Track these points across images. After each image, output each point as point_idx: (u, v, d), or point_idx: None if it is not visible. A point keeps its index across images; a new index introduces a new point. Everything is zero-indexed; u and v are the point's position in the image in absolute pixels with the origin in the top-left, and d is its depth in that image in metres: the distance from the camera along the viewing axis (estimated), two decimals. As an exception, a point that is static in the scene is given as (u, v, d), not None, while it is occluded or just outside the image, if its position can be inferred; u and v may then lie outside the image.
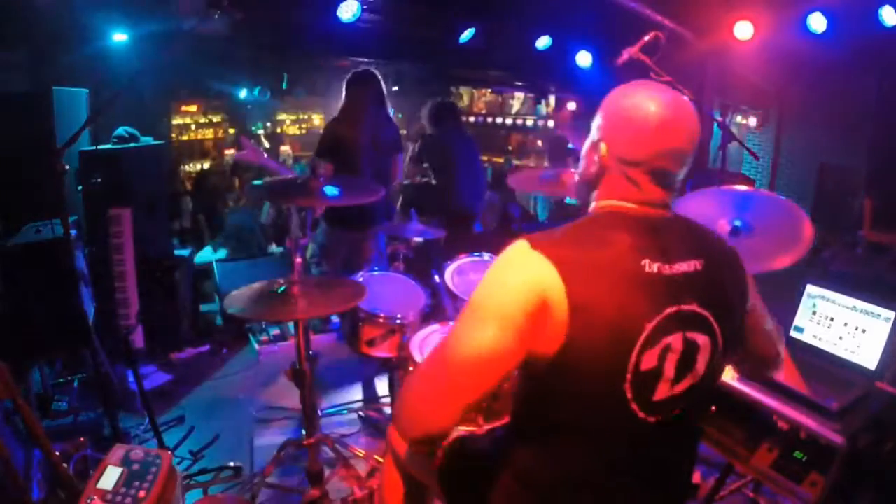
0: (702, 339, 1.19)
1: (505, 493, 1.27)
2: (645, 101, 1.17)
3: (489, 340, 1.09)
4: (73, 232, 2.74)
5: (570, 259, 1.12)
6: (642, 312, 1.12)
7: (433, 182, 4.80)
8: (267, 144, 9.29)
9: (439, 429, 1.13)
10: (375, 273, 3.21)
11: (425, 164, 4.83)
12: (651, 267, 1.14)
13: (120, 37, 3.69)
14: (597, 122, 1.26)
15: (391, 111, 4.05)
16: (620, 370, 1.11)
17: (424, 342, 2.47)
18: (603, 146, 1.22)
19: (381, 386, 3.58)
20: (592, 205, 1.27)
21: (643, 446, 1.21)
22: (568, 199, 4.99)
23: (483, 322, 1.11)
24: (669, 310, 1.14)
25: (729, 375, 1.86)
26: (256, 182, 2.81)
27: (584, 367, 1.11)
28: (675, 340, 1.15)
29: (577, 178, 1.34)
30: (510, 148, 9.81)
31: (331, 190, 2.35)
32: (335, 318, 4.25)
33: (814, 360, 1.97)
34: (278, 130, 10.25)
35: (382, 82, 3.83)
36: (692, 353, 1.18)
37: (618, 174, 1.21)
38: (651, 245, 1.16)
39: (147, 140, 3.95)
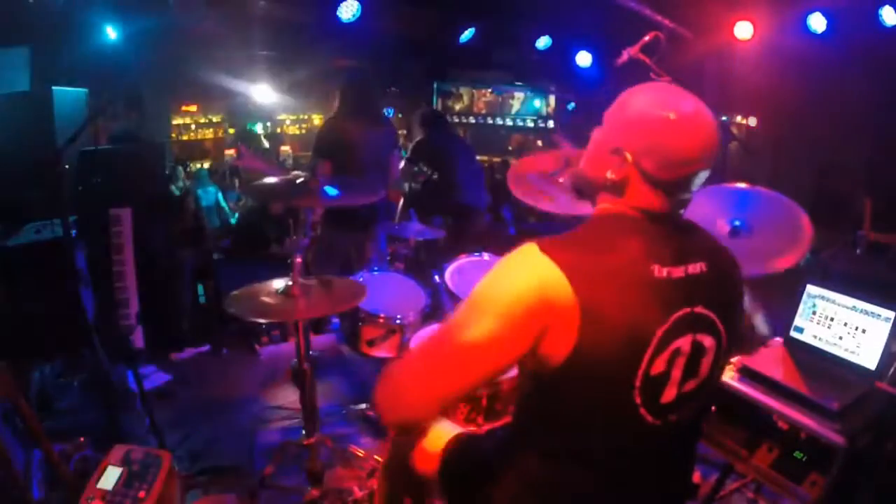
0: (708, 341, 1.19)
1: (508, 496, 1.27)
2: (682, 122, 1.11)
3: (485, 333, 1.09)
4: (73, 232, 2.74)
5: (580, 264, 1.10)
6: (653, 318, 1.12)
7: (434, 179, 4.81)
8: (267, 144, 9.29)
9: (416, 418, 1.15)
10: (375, 273, 3.20)
11: (418, 168, 4.82)
12: (661, 272, 1.14)
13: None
14: (617, 123, 1.19)
15: (391, 111, 4.06)
16: (630, 376, 1.11)
17: (424, 342, 2.47)
18: (628, 156, 1.15)
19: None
20: (600, 205, 1.24)
21: (649, 449, 1.21)
22: None
23: (482, 314, 1.10)
24: (680, 313, 1.14)
25: (728, 375, 1.86)
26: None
27: (594, 373, 1.10)
28: (684, 343, 1.16)
29: (585, 176, 1.26)
30: (510, 148, 9.81)
31: (331, 190, 2.34)
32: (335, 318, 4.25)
33: (814, 360, 1.96)
34: (278, 130, 10.26)
35: (378, 82, 3.84)
36: (698, 354, 1.18)
37: (639, 185, 1.16)
38: (661, 249, 1.16)
39: (146, 140, 3.95)
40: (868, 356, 1.88)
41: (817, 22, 4.37)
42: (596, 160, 1.22)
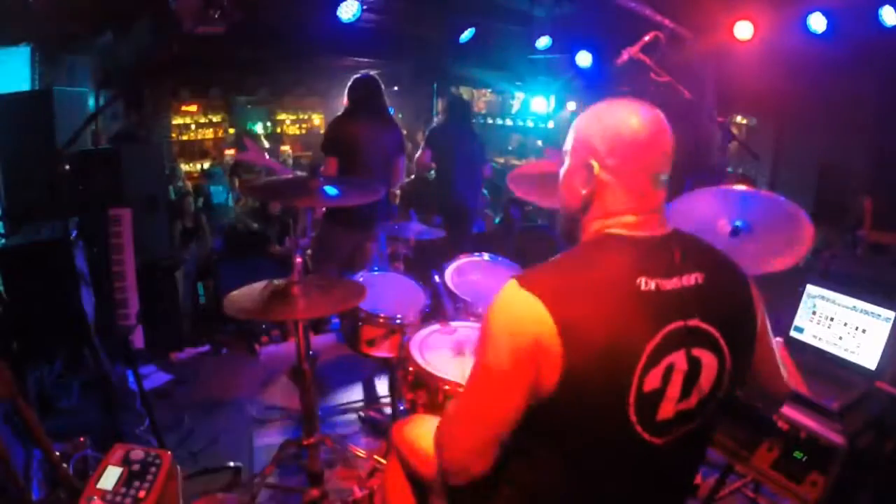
0: (706, 357, 1.16)
1: (505, 500, 1.27)
2: (627, 114, 1.19)
3: (491, 399, 1.14)
4: (73, 232, 2.74)
5: (558, 287, 1.11)
6: (641, 332, 1.10)
7: (431, 176, 4.81)
8: (267, 144, 9.29)
9: (481, 472, 1.19)
10: (375, 273, 3.20)
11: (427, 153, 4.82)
12: (648, 285, 1.12)
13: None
14: (575, 146, 1.24)
15: (391, 111, 4.06)
16: (623, 392, 1.10)
17: (424, 342, 2.47)
18: (594, 163, 1.19)
19: (381, 386, 3.58)
20: (585, 233, 1.24)
21: (648, 465, 1.19)
22: None
23: (484, 381, 1.16)
24: (671, 327, 1.12)
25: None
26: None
27: (587, 391, 1.09)
28: (678, 358, 1.13)
29: (563, 205, 1.29)
30: (510, 148, 9.82)
31: (330, 190, 2.34)
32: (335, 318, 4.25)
33: (814, 360, 1.96)
34: (278, 130, 10.26)
35: (383, 86, 3.86)
36: (696, 370, 1.15)
37: (614, 189, 1.18)
38: (647, 262, 1.14)
39: (146, 140, 3.95)
40: (868, 356, 1.88)
41: (817, 22, 4.36)
42: (568, 185, 1.26)
